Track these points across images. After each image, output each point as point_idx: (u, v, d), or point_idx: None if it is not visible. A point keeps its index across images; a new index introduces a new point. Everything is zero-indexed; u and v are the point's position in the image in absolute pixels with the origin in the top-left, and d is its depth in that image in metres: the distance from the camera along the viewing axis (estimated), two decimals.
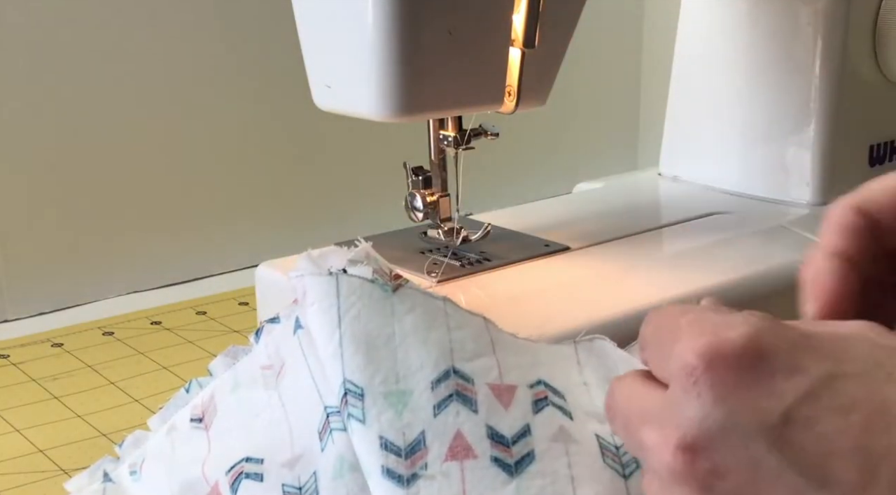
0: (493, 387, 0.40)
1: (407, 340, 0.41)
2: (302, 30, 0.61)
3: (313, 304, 0.42)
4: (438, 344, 0.41)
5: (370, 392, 0.40)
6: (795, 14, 0.76)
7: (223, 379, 0.49)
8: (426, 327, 0.41)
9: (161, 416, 0.52)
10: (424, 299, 0.42)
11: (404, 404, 0.40)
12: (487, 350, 0.41)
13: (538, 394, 0.41)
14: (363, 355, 0.41)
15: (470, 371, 0.40)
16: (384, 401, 0.40)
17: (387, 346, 0.41)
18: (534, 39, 0.60)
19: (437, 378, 0.40)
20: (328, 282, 0.42)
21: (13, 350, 0.77)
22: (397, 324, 0.41)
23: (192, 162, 0.92)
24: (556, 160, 1.16)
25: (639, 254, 0.68)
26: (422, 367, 0.40)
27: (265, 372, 0.47)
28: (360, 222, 0.96)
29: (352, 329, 0.41)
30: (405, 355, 0.41)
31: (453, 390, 0.40)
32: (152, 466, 0.50)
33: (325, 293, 0.42)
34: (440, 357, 0.41)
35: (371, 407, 0.39)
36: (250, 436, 0.46)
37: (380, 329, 0.41)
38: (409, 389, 0.40)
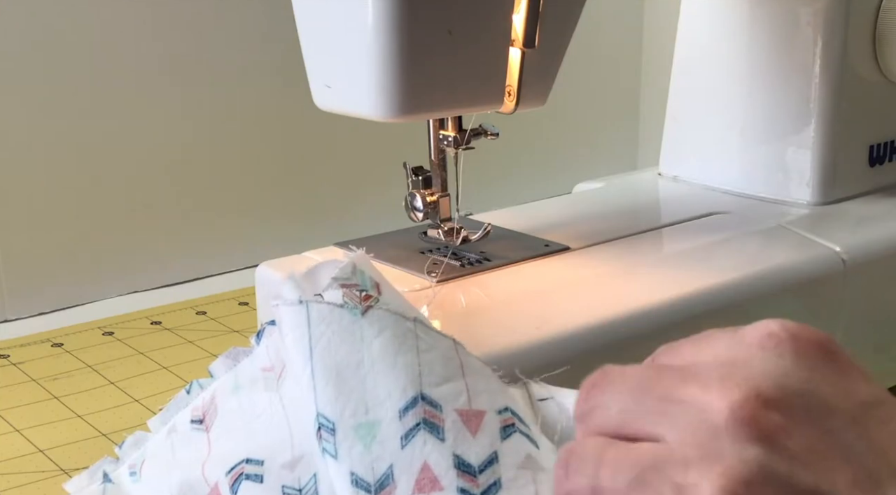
0: (461, 413, 0.40)
1: (375, 367, 0.41)
2: (302, 30, 0.61)
3: (288, 334, 0.42)
4: (407, 368, 0.41)
5: (341, 425, 0.40)
6: (795, 14, 0.76)
7: (224, 381, 0.49)
8: (395, 351, 0.41)
9: (161, 418, 0.52)
10: (394, 320, 0.42)
11: (373, 436, 0.40)
12: (457, 373, 0.41)
13: (506, 421, 0.41)
14: (333, 387, 0.41)
15: (438, 396, 0.40)
16: (354, 435, 0.40)
17: (356, 375, 0.41)
18: (534, 39, 0.60)
19: (405, 406, 0.40)
20: (299, 311, 0.42)
21: (13, 350, 0.77)
22: (366, 350, 0.41)
23: (192, 162, 0.92)
24: (556, 160, 1.16)
25: (639, 254, 0.68)
26: (389, 395, 0.40)
27: (266, 373, 0.47)
28: (360, 222, 0.96)
29: (322, 359, 0.41)
30: (374, 383, 0.41)
31: (421, 418, 0.40)
32: (152, 467, 0.50)
33: (297, 323, 0.42)
34: (408, 383, 0.40)
35: (343, 441, 0.40)
36: (251, 438, 0.46)
37: (349, 356, 0.41)
38: (377, 420, 0.40)
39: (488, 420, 0.40)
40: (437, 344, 0.42)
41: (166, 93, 0.90)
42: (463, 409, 0.40)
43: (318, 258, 0.67)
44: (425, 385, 0.40)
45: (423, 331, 0.42)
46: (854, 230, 0.72)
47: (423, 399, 0.40)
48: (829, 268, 0.66)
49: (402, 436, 0.39)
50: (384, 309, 0.42)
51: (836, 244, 0.67)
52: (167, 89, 0.90)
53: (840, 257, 0.66)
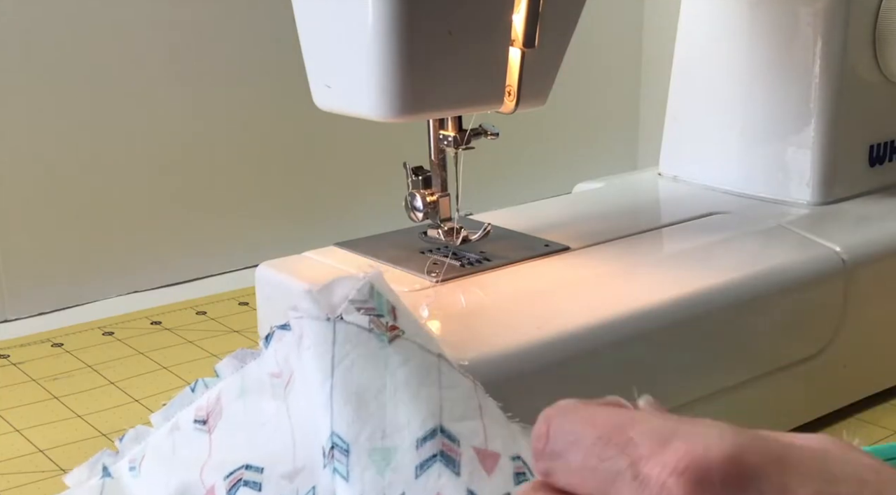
0: (478, 451, 0.40)
1: (397, 394, 0.41)
2: (302, 30, 0.61)
3: (309, 348, 0.42)
4: (428, 400, 0.41)
5: (356, 448, 0.40)
6: (795, 14, 0.76)
7: (230, 383, 0.49)
8: (418, 382, 0.41)
9: (164, 413, 0.52)
10: (420, 353, 0.42)
11: (387, 462, 0.39)
12: (475, 413, 0.41)
13: (518, 468, 0.40)
14: (352, 409, 0.40)
15: (457, 432, 0.40)
16: (368, 459, 0.39)
17: (377, 399, 0.40)
18: (534, 39, 0.60)
19: (424, 436, 0.40)
20: (326, 327, 0.42)
21: (13, 350, 0.77)
22: (389, 377, 0.41)
23: (192, 162, 0.92)
24: (556, 160, 1.16)
25: (639, 254, 0.68)
26: (409, 423, 0.40)
27: (274, 380, 0.47)
28: (360, 222, 0.97)
29: (344, 379, 0.41)
30: (394, 410, 0.40)
31: (438, 450, 0.39)
32: (152, 464, 0.50)
33: (322, 339, 0.42)
34: (429, 414, 0.40)
35: (356, 464, 0.39)
36: (253, 444, 0.46)
37: (371, 381, 0.41)
38: (394, 446, 0.40)
39: (503, 463, 0.40)
40: (459, 382, 0.42)
41: (166, 93, 0.90)
42: (480, 448, 0.40)
43: (318, 258, 0.68)
44: (445, 419, 0.40)
45: (447, 368, 0.42)
46: (854, 230, 0.72)
47: (443, 432, 0.40)
48: (829, 268, 0.66)
49: (417, 466, 0.39)
50: (410, 340, 0.42)
51: (836, 244, 0.67)
52: (167, 89, 0.90)
53: (840, 257, 0.66)
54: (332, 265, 0.66)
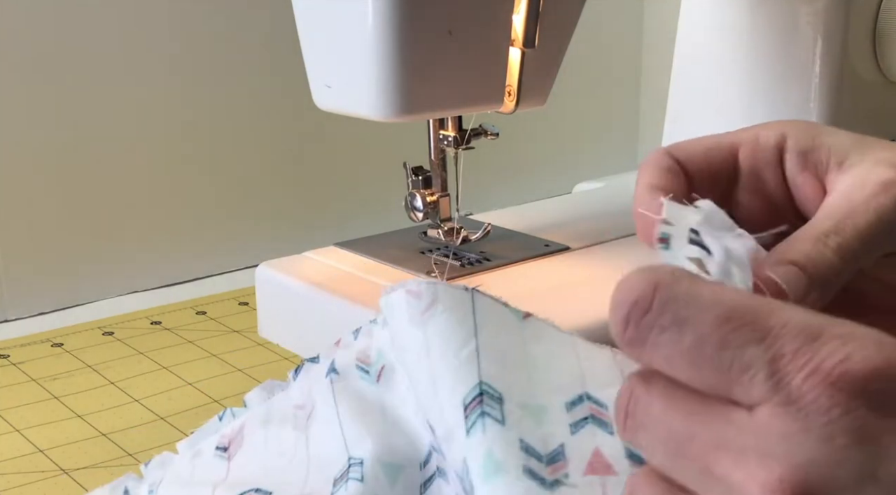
0: None
1: (539, 364, 0.40)
2: (302, 30, 0.62)
3: (445, 312, 0.41)
4: (570, 371, 0.40)
5: (509, 398, 0.39)
6: (795, 14, 0.76)
7: (255, 413, 0.50)
8: (555, 355, 0.41)
9: (190, 441, 0.52)
10: (553, 330, 0.42)
11: (542, 418, 0.39)
12: (617, 380, 0.40)
13: None
14: (500, 367, 0.40)
15: (604, 397, 0.39)
16: (522, 411, 0.39)
17: (521, 367, 0.40)
18: (534, 39, 0.60)
19: (572, 401, 0.39)
20: (463, 295, 0.42)
21: (13, 350, 0.77)
22: (528, 346, 0.41)
23: (192, 162, 0.93)
24: (556, 160, 1.16)
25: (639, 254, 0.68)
26: (555, 391, 0.40)
27: (297, 412, 0.48)
28: (360, 222, 0.97)
29: (488, 342, 0.41)
30: (539, 374, 0.40)
31: (588, 413, 0.39)
32: (169, 487, 0.50)
33: (461, 303, 0.41)
34: (572, 382, 0.40)
35: (511, 412, 0.38)
36: (268, 471, 0.46)
37: (514, 349, 0.41)
38: (545, 406, 0.39)
39: None
40: (597, 354, 0.41)
41: (166, 92, 0.90)
42: None
43: (318, 258, 0.68)
44: (590, 386, 0.40)
45: (581, 342, 0.42)
46: None
47: (590, 398, 0.39)
48: None
49: (570, 424, 0.39)
50: (542, 320, 0.42)
51: None
52: (167, 89, 0.90)
53: None
54: (332, 265, 0.67)
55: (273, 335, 0.69)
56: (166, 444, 0.60)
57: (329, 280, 0.64)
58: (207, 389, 0.69)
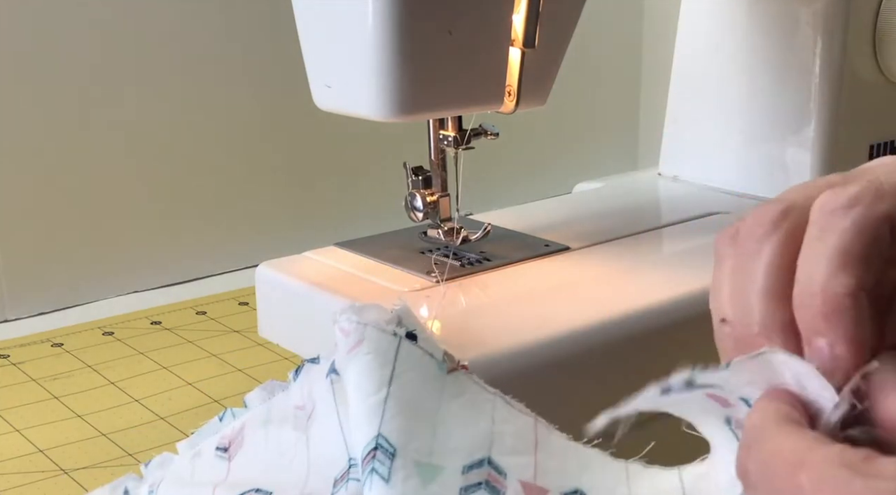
0: (525, 485, 0.39)
1: (449, 421, 0.40)
2: (302, 30, 0.61)
3: (368, 354, 0.41)
4: (480, 433, 0.40)
5: (402, 454, 0.39)
6: (795, 14, 0.76)
7: (256, 413, 0.50)
8: (470, 415, 0.41)
9: (190, 442, 0.52)
10: (476, 389, 0.42)
11: (432, 478, 0.39)
12: (528, 449, 0.40)
13: None
14: (405, 419, 0.40)
15: (505, 464, 0.40)
16: (414, 468, 0.39)
17: (429, 421, 0.40)
18: (534, 39, 0.60)
19: (471, 464, 0.39)
20: (390, 340, 0.42)
21: (13, 350, 0.77)
22: (444, 404, 0.41)
23: (191, 162, 0.93)
24: (556, 160, 1.16)
25: (639, 254, 0.68)
26: (457, 450, 0.40)
27: (297, 412, 0.48)
28: (360, 222, 0.97)
29: (401, 391, 0.41)
30: (445, 434, 0.40)
31: (484, 478, 0.39)
32: (169, 487, 0.50)
33: (385, 349, 0.42)
34: (478, 445, 0.40)
35: (399, 469, 0.39)
36: (268, 471, 0.46)
37: (426, 402, 0.41)
38: (441, 466, 0.39)
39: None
40: (515, 419, 0.41)
41: (166, 92, 0.90)
42: (527, 482, 0.39)
43: (318, 258, 0.68)
44: (495, 452, 0.40)
45: (503, 405, 0.42)
46: None
47: (490, 463, 0.40)
48: None
49: (461, 488, 0.39)
50: (468, 377, 0.42)
51: None
52: (167, 89, 0.90)
53: None
54: (332, 265, 0.66)
55: (273, 335, 0.69)
56: (166, 444, 0.60)
57: (329, 280, 0.64)
58: (207, 389, 0.69)
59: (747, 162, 0.81)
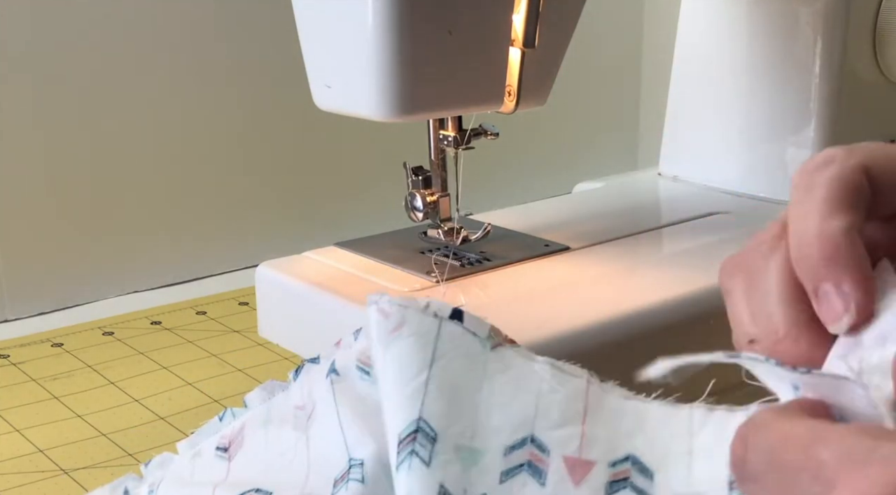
0: (568, 460, 0.39)
1: (492, 400, 0.40)
2: (302, 30, 0.62)
3: (409, 336, 0.41)
4: (523, 408, 0.40)
5: (443, 439, 0.39)
6: (795, 14, 0.76)
7: (256, 413, 0.50)
8: (515, 390, 0.40)
9: (190, 441, 0.52)
10: (521, 362, 0.41)
11: (473, 462, 0.39)
12: (575, 418, 0.40)
13: (617, 474, 0.39)
14: (447, 402, 0.40)
15: (548, 440, 0.39)
16: (454, 454, 0.39)
17: (471, 399, 0.40)
18: (534, 39, 0.60)
19: (513, 444, 0.39)
20: (431, 322, 0.42)
21: (13, 350, 0.77)
22: (487, 382, 0.41)
23: (191, 162, 0.93)
24: (556, 160, 1.16)
25: (639, 254, 0.68)
26: (500, 430, 0.39)
27: (297, 412, 0.48)
28: (360, 222, 0.96)
29: (442, 373, 0.40)
30: (487, 413, 0.40)
31: (526, 459, 0.39)
32: (169, 487, 0.50)
33: (426, 331, 0.41)
34: (521, 423, 0.39)
35: (440, 453, 0.38)
36: (268, 471, 0.46)
37: (469, 382, 0.40)
38: (482, 449, 0.39)
39: (596, 472, 0.38)
40: (564, 387, 0.41)
41: (166, 92, 0.90)
42: (571, 457, 0.39)
43: (318, 258, 0.68)
44: (538, 427, 0.39)
45: (550, 373, 0.41)
46: None
47: (533, 441, 0.39)
48: None
49: (502, 472, 0.38)
50: (513, 350, 0.42)
51: None
52: (167, 89, 0.90)
53: None
54: (332, 265, 0.67)
55: (273, 335, 0.69)
56: (166, 444, 0.60)
57: (329, 280, 0.64)
58: (207, 389, 0.69)
59: (747, 162, 0.81)
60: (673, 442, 0.39)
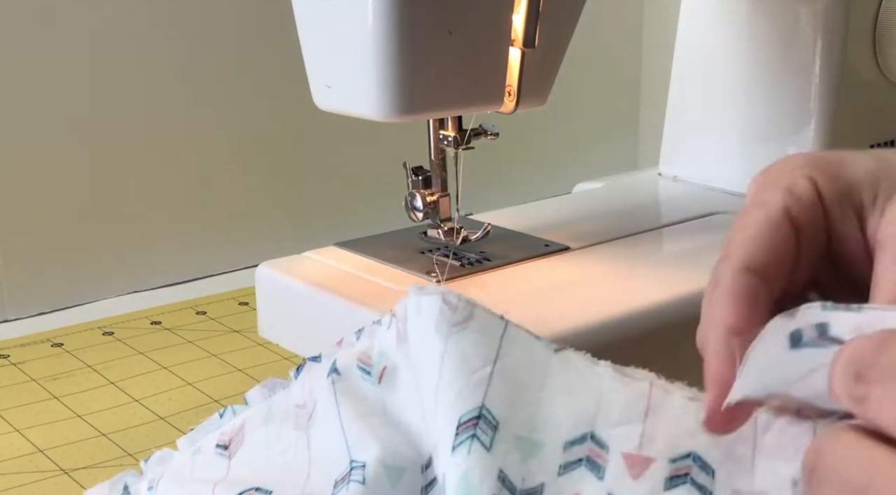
0: (627, 457, 0.39)
1: (554, 395, 0.40)
2: (302, 30, 0.62)
3: (476, 332, 0.41)
4: (584, 406, 0.40)
5: (504, 429, 0.39)
6: (795, 14, 0.76)
7: (256, 411, 0.50)
8: (577, 389, 0.41)
9: (190, 438, 0.52)
10: (584, 364, 0.42)
11: (533, 453, 0.39)
12: (637, 417, 0.40)
13: (678, 470, 0.38)
14: (510, 392, 0.40)
15: (607, 437, 0.39)
16: (514, 443, 0.39)
17: (533, 397, 0.40)
18: (534, 39, 0.60)
19: (573, 439, 0.39)
20: (497, 322, 0.42)
21: (13, 350, 0.77)
22: (549, 381, 0.41)
23: (191, 162, 0.93)
24: (556, 160, 1.16)
25: (639, 254, 0.68)
26: (560, 425, 0.40)
27: (298, 410, 0.48)
28: (360, 222, 0.96)
29: (505, 368, 0.41)
30: (549, 409, 0.40)
31: (585, 455, 0.39)
32: (169, 484, 0.50)
33: (493, 330, 0.42)
34: (582, 420, 0.40)
35: (501, 441, 0.39)
36: (269, 470, 0.46)
37: (531, 379, 0.41)
38: (542, 441, 0.39)
39: (655, 468, 0.38)
40: (626, 388, 0.41)
41: (166, 92, 0.90)
42: (630, 453, 0.39)
43: (318, 258, 0.68)
44: (599, 425, 0.39)
45: (612, 375, 0.41)
46: None
47: (593, 438, 0.39)
48: None
49: (561, 465, 0.39)
50: (577, 354, 0.42)
51: None
52: (167, 89, 0.90)
53: None
54: (332, 265, 0.67)
55: (273, 335, 0.69)
56: (166, 444, 0.60)
57: (329, 280, 0.64)
58: (207, 389, 0.69)
59: (747, 162, 0.81)
60: (737, 443, 0.39)
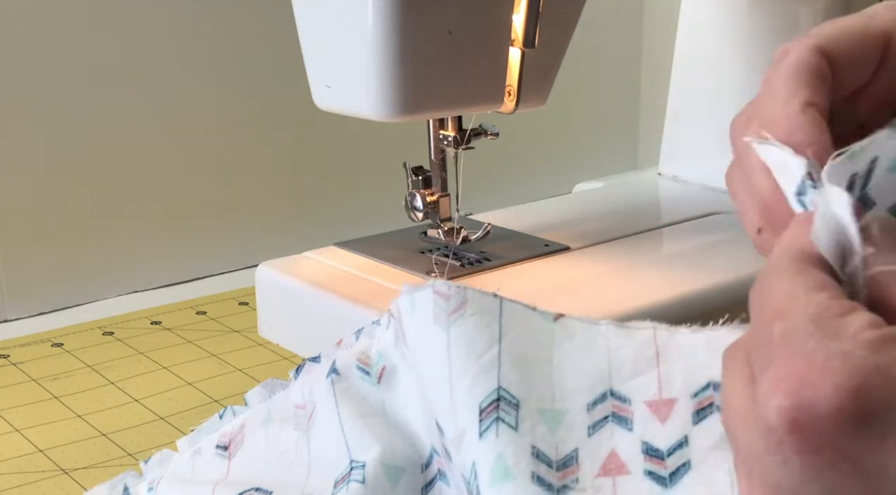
0: (650, 404, 0.39)
1: (564, 365, 0.41)
2: (302, 30, 0.62)
3: (473, 315, 0.41)
4: (596, 367, 0.40)
5: (525, 405, 0.39)
6: (795, 14, 0.76)
7: (256, 411, 0.50)
8: (585, 354, 0.41)
9: (190, 439, 0.52)
10: (585, 327, 0.42)
11: (558, 422, 0.39)
12: (649, 365, 0.40)
13: (701, 403, 0.39)
14: (521, 370, 0.40)
15: (627, 391, 0.40)
16: (538, 416, 0.39)
17: (544, 369, 0.40)
18: (534, 39, 0.60)
19: (594, 400, 0.39)
20: (492, 300, 0.42)
21: (13, 350, 0.77)
22: (556, 351, 0.41)
23: (191, 162, 0.93)
24: (556, 160, 1.16)
25: (639, 254, 0.68)
26: (578, 391, 0.40)
27: (298, 411, 0.48)
28: (360, 222, 0.96)
29: (512, 347, 0.41)
30: (561, 379, 0.40)
31: (609, 412, 0.39)
32: (169, 485, 0.50)
33: (489, 309, 0.42)
34: (597, 381, 0.40)
35: (525, 418, 0.39)
36: (269, 471, 0.46)
37: (538, 352, 0.41)
38: (564, 409, 0.39)
39: (679, 407, 0.39)
40: (630, 340, 0.41)
41: (166, 92, 0.90)
42: (652, 400, 0.39)
43: (318, 258, 0.68)
44: (615, 381, 0.40)
45: (615, 331, 0.41)
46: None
47: (612, 395, 0.40)
48: None
49: (588, 426, 0.39)
50: (575, 318, 0.42)
51: None
52: (167, 89, 0.90)
53: None
54: (332, 265, 0.67)
55: (273, 335, 0.69)
56: (166, 444, 0.60)
57: (329, 280, 0.64)
58: (207, 389, 0.69)
59: None
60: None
